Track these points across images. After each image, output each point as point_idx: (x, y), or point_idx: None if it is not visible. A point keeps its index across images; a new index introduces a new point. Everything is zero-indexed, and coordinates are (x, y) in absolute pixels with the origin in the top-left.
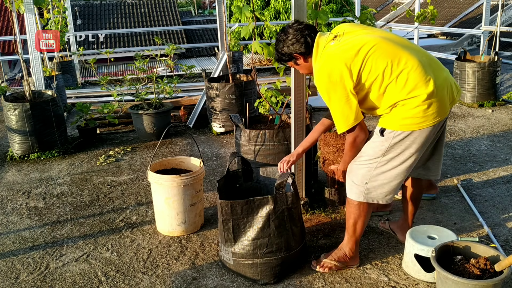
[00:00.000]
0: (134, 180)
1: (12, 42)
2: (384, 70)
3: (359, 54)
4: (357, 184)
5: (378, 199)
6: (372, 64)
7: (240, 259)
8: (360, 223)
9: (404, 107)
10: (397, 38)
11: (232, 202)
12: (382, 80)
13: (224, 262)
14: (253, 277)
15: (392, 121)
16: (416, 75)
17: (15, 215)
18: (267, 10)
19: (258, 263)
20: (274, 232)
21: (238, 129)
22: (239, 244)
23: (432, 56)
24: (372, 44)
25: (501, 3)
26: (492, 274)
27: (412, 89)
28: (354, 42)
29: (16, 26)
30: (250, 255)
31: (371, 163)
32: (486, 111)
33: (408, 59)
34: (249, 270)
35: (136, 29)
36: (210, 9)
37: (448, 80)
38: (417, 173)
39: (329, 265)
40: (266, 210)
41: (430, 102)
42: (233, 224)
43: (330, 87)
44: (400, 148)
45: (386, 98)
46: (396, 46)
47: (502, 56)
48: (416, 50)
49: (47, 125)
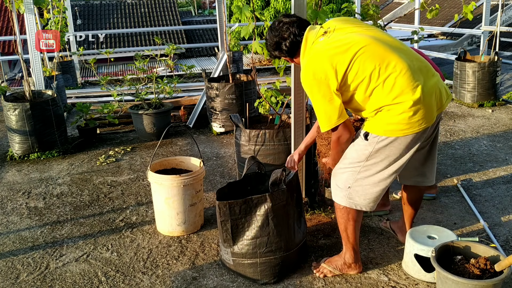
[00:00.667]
0: (134, 180)
1: (12, 42)
2: (372, 73)
3: (347, 55)
4: (340, 188)
5: (362, 205)
6: (360, 66)
7: (239, 258)
8: (350, 228)
9: (389, 112)
10: (389, 39)
11: (230, 202)
12: (369, 83)
13: (224, 262)
14: (253, 277)
15: (376, 125)
16: (404, 81)
17: (15, 215)
18: (267, 10)
19: (258, 262)
20: (273, 230)
21: (238, 129)
22: (238, 244)
23: (423, 60)
24: (362, 45)
25: (501, 3)
26: (492, 274)
27: (398, 95)
28: (343, 41)
29: (16, 26)
30: (250, 255)
31: (355, 167)
32: (486, 111)
33: (397, 63)
34: (248, 269)
35: (136, 29)
36: (210, 9)
37: (437, 86)
38: (414, 181)
39: (325, 271)
40: (264, 208)
41: (416, 109)
42: (231, 224)
43: (314, 85)
44: (384, 154)
45: (372, 101)
46: (386, 49)
47: (502, 56)
48: (407, 53)
49: (47, 125)
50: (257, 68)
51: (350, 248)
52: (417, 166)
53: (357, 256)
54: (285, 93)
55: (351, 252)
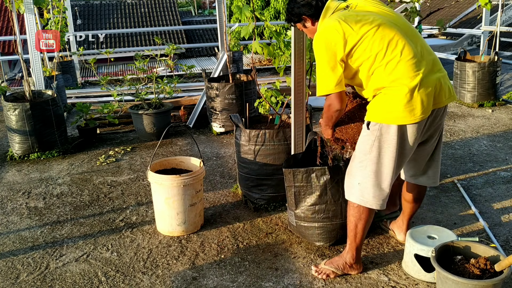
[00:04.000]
0: (134, 180)
1: (12, 42)
2: (378, 53)
3: (360, 30)
4: (353, 185)
5: (372, 204)
6: (368, 44)
7: (301, 221)
8: (360, 227)
9: (386, 96)
10: (404, 25)
11: (294, 170)
12: (373, 62)
13: (289, 224)
14: (311, 238)
15: (375, 112)
16: (406, 67)
17: (15, 215)
18: (267, 10)
19: (316, 226)
20: (330, 199)
21: (238, 129)
22: (300, 209)
23: (433, 54)
24: (376, 24)
25: (501, 3)
26: (492, 274)
27: (397, 79)
28: (361, 17)
29: (16, 26)
30: (309, 219)
31: (362, 161)
32: (486, 111)
33: (404, 49)
34: (307, 232)
35: (136, 29)
36: (210, 9)
37: (440, 81)
38: (419, 180)
39: (327, 272)
40: (323, 180)
41: (411, 96)
42: (294, 190)
43: (323, 49)
44: (385, 142)
45: (373, 80)
46: (397, 33)
47: (502, 56)
48: (418, 42)
49: (47, 125)
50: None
51: (354, 248)
52: (421, 165)
53: (359, 257)
54: (285, 93)
55: (353, 252)
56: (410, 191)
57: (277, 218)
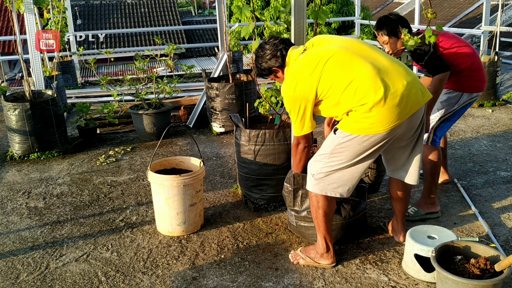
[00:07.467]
0: (134, 180)
1: (12, 42)
2: (338, 79)
3: (317, 68)
4: (309, 176)
5: (327, 190)
6: (328, 75)
7: (300, 221)
8: (320, 216)
9: (356, 113)
10: (359, 47)
11: (304, 175)
12: (337, 89)
13: (289, 224)
14: (311, 238)
15: (345, 124)
16: (366, 84)
17: (15, 215)
18: (267, 10)
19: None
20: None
21: (238, 129)
22: (303, 210)
23: (397, 63)
24: (330, 55)
25: (501, 3)
26: (492, 274)
27: (362, 97)
28: (315, 56)
29: (16, 26)
30: (309, 219)
31: (322, 155)
32: (486, 111)
33: (361, 68)
34: (307, 231)
35: (136, 29)
36: (210, 9)
37: (408, 87)
38: (398, 175)
39: (299, 259)
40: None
41: (377, 110)
42: (302, 192)
43: (291, 99)
44: (346, 148)
45: (342, 105)
46: (352, 56)
47: (502, 56)
48: (374, 58)
49: (47, 125)
50: None
51: (321, 236)
52: (403, 162)
53: (329, 246)
54: None
55: (322, 241)
56: (395, 188)
57: (277, 218)
